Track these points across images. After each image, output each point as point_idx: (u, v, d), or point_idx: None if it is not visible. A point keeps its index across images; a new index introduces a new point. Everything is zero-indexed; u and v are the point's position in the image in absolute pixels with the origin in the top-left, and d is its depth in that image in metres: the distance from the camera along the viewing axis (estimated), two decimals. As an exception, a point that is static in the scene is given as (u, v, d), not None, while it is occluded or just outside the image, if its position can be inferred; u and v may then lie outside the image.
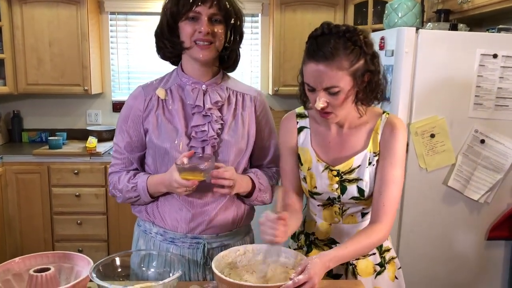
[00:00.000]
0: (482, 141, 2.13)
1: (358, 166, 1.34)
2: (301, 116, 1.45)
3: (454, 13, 2.47)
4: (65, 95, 3.64)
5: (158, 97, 1.40)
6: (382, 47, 2.26)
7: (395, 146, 1.32)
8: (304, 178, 1.42)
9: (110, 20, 3.72)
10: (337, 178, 1.36)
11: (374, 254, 1.43)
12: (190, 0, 1.30)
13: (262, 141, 1.50)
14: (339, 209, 1.41)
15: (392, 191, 1.31)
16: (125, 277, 1.29)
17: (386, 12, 2.48)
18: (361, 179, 1.34)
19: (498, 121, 2.13)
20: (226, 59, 1.44)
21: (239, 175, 1.39)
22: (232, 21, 1.37)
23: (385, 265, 1.44)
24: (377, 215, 1.31)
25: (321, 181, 1.38)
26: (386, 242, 1.45)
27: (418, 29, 2.08)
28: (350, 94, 1.24)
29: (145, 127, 1.40)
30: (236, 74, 1.53)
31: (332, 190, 1.37)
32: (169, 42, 1.38)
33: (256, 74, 3.86)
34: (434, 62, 2.08)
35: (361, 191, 1.35)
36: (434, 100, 2.11)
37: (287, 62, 3.42)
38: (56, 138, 3.35)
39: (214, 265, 1.21)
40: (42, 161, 3.22)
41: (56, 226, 3.29)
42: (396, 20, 2.40)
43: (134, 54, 3.77)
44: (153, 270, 1.36)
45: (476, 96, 2.11)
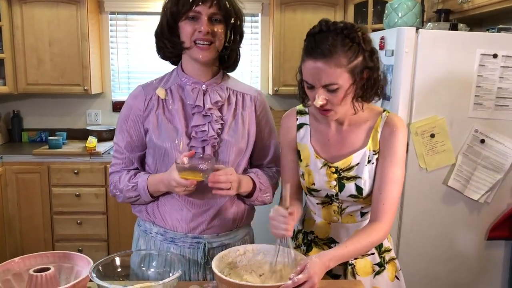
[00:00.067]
0: (482, 141, 2.13)
1: (357, 164, 1.34)
2: (301, 113, 1.45)
3: (454, 13, 2.47)
4: (65, 95, 3.64)
5: (158, 96, 1.40)
6: (382, 47, 2.26)
7: (395, 145, 1.32)
8: (302, 175, 1.42)
9: (110, 20, 3.72)
10: (335, 175, 1.36)
11: (373, 254, 1.42)
12: None
13: (262, 140, 1.50)
14: (338, 207, 1.41)
15: (392, 190, 1.31)
16: (125, 277, 1.29)
17: (386, 12, 2.48)
18: (359, 177, 1.34)
19: (498, 121, 2.13)
20: (226, 59, 1.44)
21: (240, 175, 1.39)
22: (232, 20, 1.36)
23: (384, 265, 1.43)
24: (377, 214, 1.31)
25: (319, 177, 1.38)
26: (386, 243, 1.45)
27: (418, 29, 2.08)
28: (349, 91, 1.24)
29: (145, 127, 1.40)
30: (236, 74, 1.53)
31: (330, 187, 1.37)
32: (169, 42, 1.37)
33: (256, 74, 3.86)
34: (434, 62, 2.08)
35: (359, 189, 1.35)
36: (434, 100, 2.11)
37: (287, 62, 3.42)
38: (56, 138, 3.35)
39: (214, 265, 1.21)
40: (42, 161, 3.22)
41: (56, 226, 3.29)
42: (396, 20, 2.40)
43: (134, 54, 3.77)
44: (153, 270, 1.36)
45: (476, 96, 2.11)
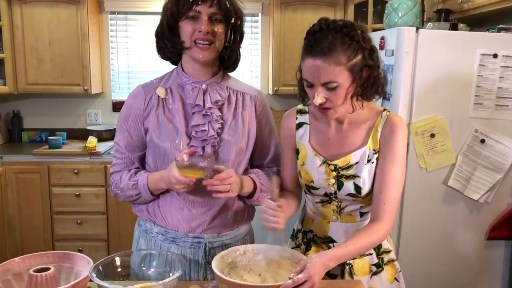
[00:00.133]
0: (482, 141, 2.13)
1: (356, 163, 1.34)
2: (301, 112, 1.45)
3: (454, 12, 2.47)
4: (65, 95, 3.64)
5: (158, 96, 1.40)
6: (382, 47, 2.25)
7: (395, 144, 1.32)
8: (299, 173, 1.43)
9: (110, 19, 3.71)
10: (334, 173, 1.36)
11: (371, 254, 1.42)
12: None
13: (263, 140, 1.50)
14: (337, 207, 1.41)
15: (392, 190, 1.30)
16: (125, 277, 1.29)
17: (386, 11, 2.48)
18: (358, 176, 1.34)
19: (498, 121, 2.13)
20: (226, 59, 1.44)
21: (240, 176, 1.39)
22: (232, 20, 1.36)
23: (382, 266, 1.43)
24: (377, 214, 1.31)
25: (318, 175, 1.38)
26: (385, 244, 1.44)
27: (418, 28, 2.08)
28: (349, 89, 1.24)
29: (145, 126, 1.40)
30: (236, 74, 1.53)
31: (328, 185, 1.37)
32: (169, 41, 1.37)
33: (256, 74, 3.86)
34: (434, 62, 2.08)
35: (357, 188, 1.35)
36: (434, 100, 2.11)
37: (287, 62, 3.42)
38: (56, 137, 3.35)
39: (214, 265, 1.21)
40: (42, 160, 3.22)
41: (56, 226, 3.29)
42: (396, 19, 2.40)
43: (134, 53, 3.77)
44: (153, 269, 1.36)
45: (476, 96, 2.11)
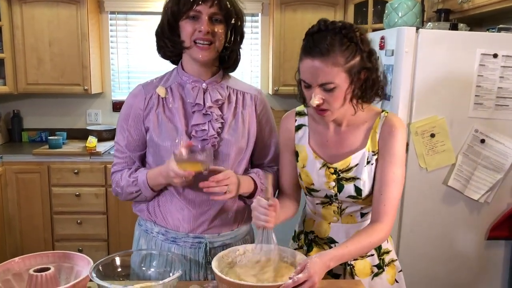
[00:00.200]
0: (482, 140, 2.13)
1: (356, 165, 1.34)
2: (300, 114, 1.45)
3: (454, 12, 2.47)
4: (65, 95, 3.64)
5: (158, 95, 1.40)
6: (382, 47, 2.25)
7: (394, 145, 1.31)
8: (299, 175, 1.43)
9: (110, 19, 3.71)
10: (334, 176, 1.36)
11: (372, 255, 1.42)
12: None
13: (263, 139, 1.50)
14: (338, 208, 1.41)
15: (392, 191, 1.30)
16: (125, 277, 1.29)
17: (386, 11, 2.48)
18: (358, 178, 1.34)
19: (498, 120, 2.13)
20: (226, 59, 1.44)
21: (240, 176, 1.39)
22: (232, 21, 1.36)
23: (383, 267, 1.43)
24: (377, 215, 1.31)
25: (318, 178, 1.38)
26: (385, 244, 1.44)
27: (418, 28, 2.08)
28: (347, 91, 1.24)
29: (146, 126, 1.40)
30: (236, 74, 1.53)
31: (329, 187, 1.37)
32: (169, 41, 1.37)
33: (256, 74, 3.86)
34: (434, 61, 2.08)
35: (358, 190, 1.35)
36: (434, 99, 2.11)
37: (287, 62, 3.42)
38: (56, 137, 3.35)
39: (214, 264, 1.21)
40: (42, 160, 3.22)
41: (56, 226, 3.29)
42: (396, 19, 2.40)
43: (134, 53, 3.77)
44: (153, 269, 1.36)
45: (476, 95, 2.11)
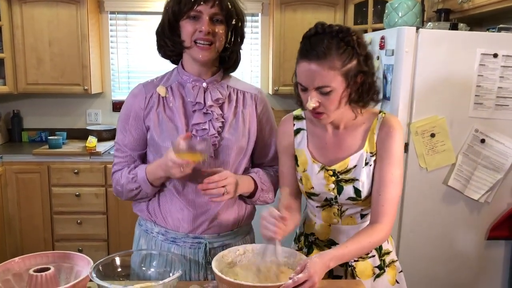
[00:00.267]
0: (482, 140, 2.13)
1: (354, 166, 1.34)
2: (298, 118, 1.45)
3: (454, 12, 2.47)
4: (65, 95, 3.64)
5: (158, 94, 1.40)
6: (382, 47, 2.25)
7: (392, 145, 1.31)
8: (300, 180, 1.42)
9: (110, 19, 3.71)
10: (333, 178, 1.36)
11: (373, 256, 1.42)
12: None
13: (264, 139, 1.50)
14: (338, 210, 1.41)
15: (391, 191, 1.30)
16: (125, 277, 1.29)
17: (386, 11, 2.48)
18: (357, 179, 1.34)
19: (498, 120, 2.13)
20: (227, 60, 1.44)
21: (240, 176, 1.39)
22: (233, 21, 1.37)
23: (384, 268, 1.43)
24: (377, 216, 1.31)
25: (317, 181, 1.38)
26: (386, 245, 1.44)
27: (418, 28, 2.08)
28: (343, 94, 1.24)
29: (146, 125, 1.40)
30: (236, 74, 1.53)
31: (328, 190, 1.37)
32: (170, 40, 1.37)
33: (256, 74, 3.86)
34: (434, 61, 2.08)
35: (357, 192, 1.34)
36: (434, 99, 2.11)
37: (287, 62, 3.42)
38: (56, 137, 3.35)
39: (214, 264, 1.21)
40: (42, 160, 3.22)
41: (56, 226, 3.29)
42: (396, 19, 2.39)
43: (134, 53, 3.77)
44: (153, 270, 1.36)
45: (476, 95, 2.11)
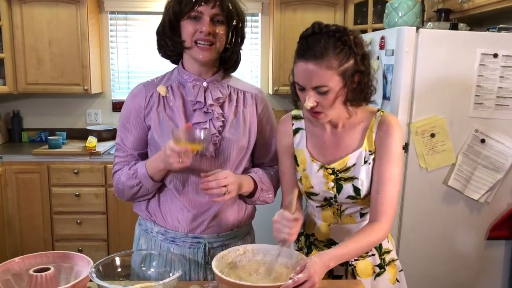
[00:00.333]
0: (482, 140, 2.13)
1: (353, 165, 1.34)
2: (296, 118, 1.45)
3: (454, 12, 2.47)
4: (65, 95, 3.64)
5: (159, 94, 1.40)
6: (382, 47, 2.25)
7: (391, 143, 1.32)
8: (300, 179, 1.42)
9: (110, 19, 3.71)
10: (332, 177, 1.36)
11: (373, 255, 1.42)
12: None
13: (264, 138, 1.50)
14: (337, 209, 1.41)
15: (389, 190, 1.30)
16: (125, 277, 1.29)
17: (386, 11, 2.48)
18: (356, 178, 1.34)
19: (498, 120, 2.13)
20: (227, 60, 1.44)
21: (240, 176, 1.39)
22: (234, 22, 1.37)
23: (384, 266, 1.43)
24: (376, 214, 1.31)
25: (316, 180, 1.38)
26: (386, 244, 1.44)
27: (418, 28, 2.08)
28: (340, 94, 1.24)
29: (147, 124, 1.40)
30: (236, 74, 1.53)
31: (328, 188, 1.37)
32: (170, 40, 1.37)
33: (256, 74, 3.86)
34: (434, 61, 2.08)
35: (357, 190, 1.35)
36: (434, 99, 2.11)
37: (287, 62, 3.41)
38: (56, 137, 3.35)
39: (214, 264, 1.21)
40: (42, 160, 3.22)
41: (56, 226, 3.29)
42: (396, 19, 2.39)
43: (134, 53, 3.76)
44: (153, 270, 1.36)
45: (476, 95, 2.11)
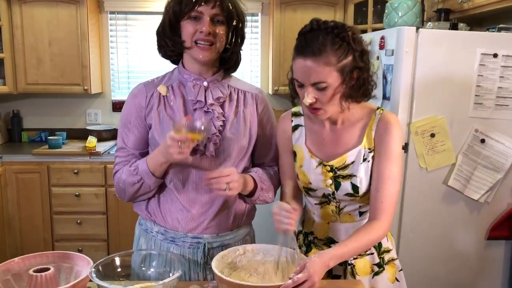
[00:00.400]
0: (482, 140, 2.13)
1: (352, 162, 1.35)
2: (296, 114, 1.46)
3: (454, 12, 2.47)
4: (64, 95, 3.64)
5: (159, 93, 1.40)
6: (382, 47, 2.25)
7: (390, 142, 1.32)
8: (297, 175, 1.43)
9: (110, 19, 3.71)
10: (331, 174, 1.37)
11: (372, 253, 1.42)
12: None
13: (264, 138, 1.50)
14: (336, 207, 1.41)
15: (389, 188, 1.31)
16: (125, 277, 1.29)
17: (386, 11, 2.48)
18: (355, 176, 1.34)
19: (498, 120, 2.13)
20: (227, 60, 1.44)
21: (241, 175, 1.39)
22: (234, 22, 1.37)
23: (383, 266, 1.43)
24: (375, 213, 1.31)
25: (315, 176, 1.38)
26: (386, 243, 1.45)
27: (418, 28, 2.08)
28: (339, 90, 1.24)
29: (148, 123, 1.40)
30: (236, 73, 1.53)
31: (326, 185, 1.38)
32: (170, 40, 1.37)
33: (256, 74, 3.86)
34: (434, 61, 2.08)
35: (355, 188, 1.35)
36: (434, 99, 2.10)
37: (287, 62, 3.37)
38: (55, 137, 3.35)
39: (214, 264, 1.21)
40: (42, 160, 3.22)
41: (56, 226, 3.29)
42: (396, 19, 2.39)
43: (134, 53, 3.76)
44: (153, 270, 1.36)
45: (476, 95, 2.11)
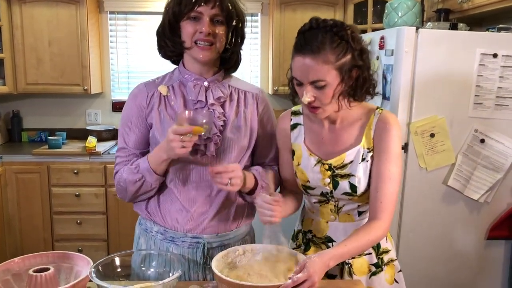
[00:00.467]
0: (482, 140, 2.13)
1: (351, 162, 1.35)
2: (295, 113, 1.47)
3: (454, 12, 2.47)
4: (64, 95, 3.64)
5: (160, 93, 1.40)
6: (382, 47, 2.25)
7: (389, 141, 1.32)
8: (295, 173, 1.44)
9: (110, 19, 3.71)
10: (329, 173, 1.37)
11: (370, 253, 1.42)
12: (193, 0, 1.30)
13: (265, 138, 1.50)
14: (335, 206, 1.42)
15: (388, 188, 1.30)
16: (124, 277, 1.29)
17: (386, 11, 2.48)
18: (353, 175, 1.34)
19: (498, 120, 2.13)
20: (227, 60, 1.44)
21: (244, 172, 1.39)
22: (233, 22, 1.37)
23: (382, 266, 1.43)
24: (375, 213, 1.31)
25: (313, 175, 1.39)
26: (385, 243, 1.44)
27: (418, 28, 2.08)
28: (338, 89, 1.24)
29: (149, 122, 1.40)
30: (236, 73, 1.53)
31: (324, 184, 1.38)
32: (170, 41, 1.38)
33: (256, 74, 3.86)
34: (434, 61, 2.08)
35: (353, 187, 1.35)
36: (434, 99, 2.11)
37: (287, 62, 3.34)
38: (55, 137, 3.35)
39: (214, 265, 1.21)
40: (42, 160, 3.22)
41: (55, 226, 3.29)
42: (396, 19, 2.40)
43: (134, 53, 3.77)
44: (153, 270, 1.36)
45: (476, 95, 2.11)
